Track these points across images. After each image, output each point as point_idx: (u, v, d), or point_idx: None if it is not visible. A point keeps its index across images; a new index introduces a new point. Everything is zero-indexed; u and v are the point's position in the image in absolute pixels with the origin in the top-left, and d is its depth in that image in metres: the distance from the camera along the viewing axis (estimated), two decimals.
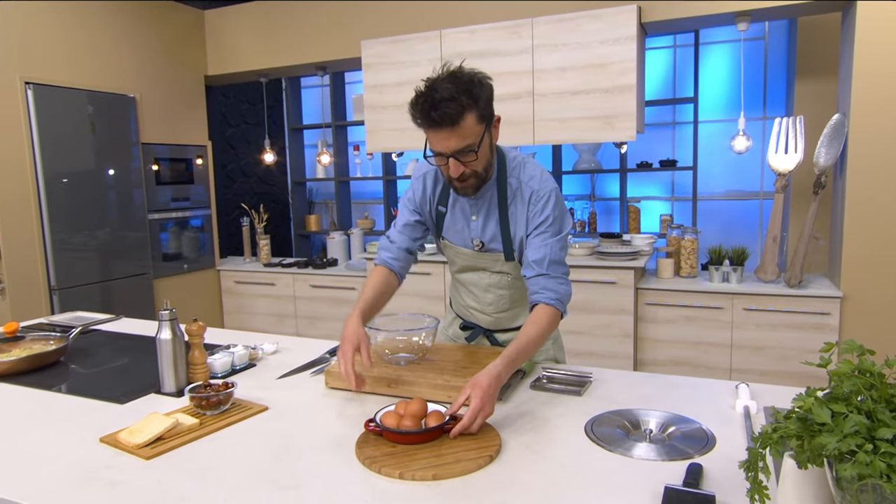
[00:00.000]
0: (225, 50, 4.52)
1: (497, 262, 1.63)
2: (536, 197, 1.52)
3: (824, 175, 3.11)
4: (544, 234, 1.51)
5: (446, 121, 1.35)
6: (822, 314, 3.05)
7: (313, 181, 5.78)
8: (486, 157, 1.47)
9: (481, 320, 1.76)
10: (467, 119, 1.37)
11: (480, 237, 1.62)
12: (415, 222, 1.68)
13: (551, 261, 1.49)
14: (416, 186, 1.68)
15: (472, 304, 1.75)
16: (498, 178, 1.56)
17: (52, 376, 1.71)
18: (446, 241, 1.70)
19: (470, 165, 1.43)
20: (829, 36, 3.76)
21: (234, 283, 4.65)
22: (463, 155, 1.41)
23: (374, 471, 1.07)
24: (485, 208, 1.58)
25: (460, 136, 1.38)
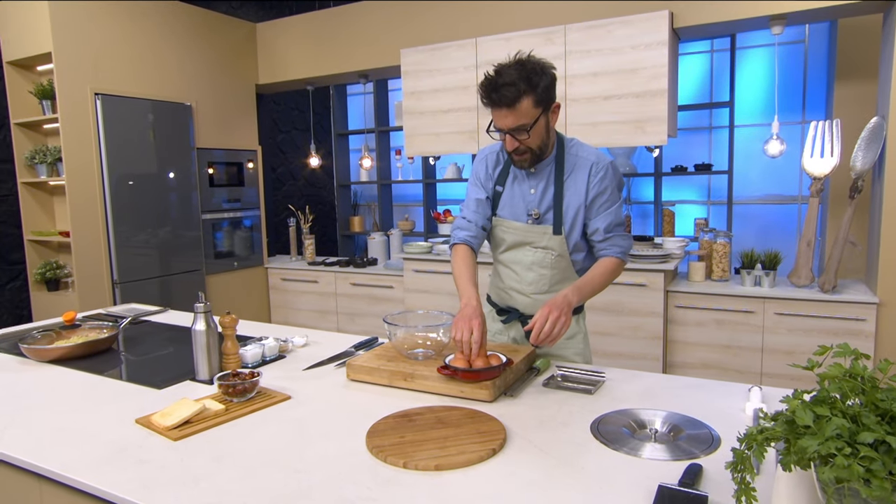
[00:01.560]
0: (275, 60, 4.78)
1: (545, 236, 1.76)
2: (596, 169, 1.71)
3: (861, 179, 3.07)
4: (606, 204, 1.73)
5: (504, 102, 1.56)
6: (857, 320, 3.01)
7: (357, 184, 6.00)
8: (540, 137, 1.66)
9: (519, 302, 1.86)
10: (523, 103, 1.56)
11: (537, 207, 1.77)
12: (486, 199, 1.83)
13: (615, 224, 1.75)
14: (478, 168, 1.85)
15: (513, 284, 1.85)
16: (557, 155, 1.75)
17: (103, 362, 1.90)
18: (499, 217, 1.83)
19: (524, 142, 1.64)
20: (869, 38, 3.68)
21: (281, 281, 4.89)
22: (517, 133, 1.61)
23: (380, 459, 1.17)
24: (543, 181, 1.76)
25: (516, 116, 1.58)
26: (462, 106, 3.94)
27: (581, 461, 1.17)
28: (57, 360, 1.90)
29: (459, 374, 1.48)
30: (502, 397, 1.50)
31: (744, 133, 4.49)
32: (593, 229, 1.75)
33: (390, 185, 5.84)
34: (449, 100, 3.97)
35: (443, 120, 4.02)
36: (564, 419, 1.37)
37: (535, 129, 1.61)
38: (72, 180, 3.66)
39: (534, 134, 1.62)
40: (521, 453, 1.20)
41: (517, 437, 1.27)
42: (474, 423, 1.32)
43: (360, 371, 1.63)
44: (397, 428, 1.29)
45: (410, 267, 4.20)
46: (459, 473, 1.13)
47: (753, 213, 4.72)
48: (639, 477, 1.10)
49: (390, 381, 1.59)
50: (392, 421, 1.33)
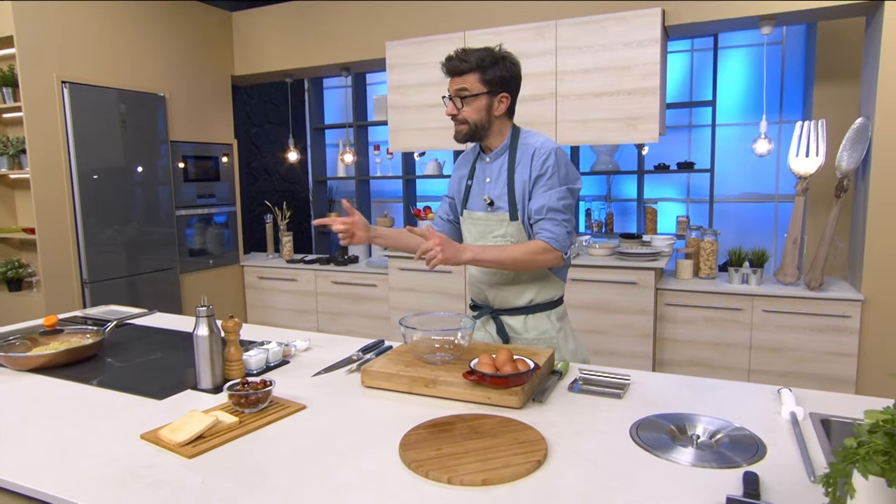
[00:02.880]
0: (252, 50, 4.61)
1: (503, 223, 1.80)
2: (538, 154, 1.74)
3: (847, 179, 3.13)
4: (543, 187, 1.73)
5: (452, 71, 1.74)
6: (842, 317, 3.07)
7: (334, 180, 5.86)
8: (478, 113, 1.73)
9: (487, 294, 1.90)
10: (469, 76, 1.71)
11: (489, 194, 1.82)
12: (450, 199, 2.00)
13: (549, 208, 1.72)
14: (454, 168, 2.00)
15: (481, 276, 1.90)
16: (510, 145, 1.81)
17: (90, 369, 1.76)
18: (466, 210, 1.90)
19: (462, 112, 1.73)
20: (849, 41, 3.77)
21: (257, 279, 4.74)
22: (456, 97, 1.73)
23: (421, 475, 1.09)
24: (497, 170, 1.83)
25: (461, 82, 1.72)
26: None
27: (630, 472, 1.12)
28: (37, 368, 1.75)
29: (488, 380, 1.42)
30: (530, 403, 1.44)
31: (721, 132, 4.54)
32: (528, 211, 1.77)
33: (368, 180, 5.73)
34: (436, 94, 3.89)
35: (429, 115, 3.94)
36: (600, 426, 1.32)
37: (474, 102, 1.71)
38: (37, 174, 3.45)
39: (473, 105, 1.72)
40: (566, 465, 1.15)
41: (558, 447, 1.21)
42: (511, 432, 1.25)
43: (377, 377, 1.55)
44: (431, 439, 1.22)
45: (396, 265, 4.11)
46: (508, 488, 1.06)
47: (731, 210, 4.80)
48: (694, 488, 1.06)
49: (410, 387, 1.51)
50: (424, 432, 1.26)
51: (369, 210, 5.80)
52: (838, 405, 1.42)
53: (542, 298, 1.85)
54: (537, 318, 1.86)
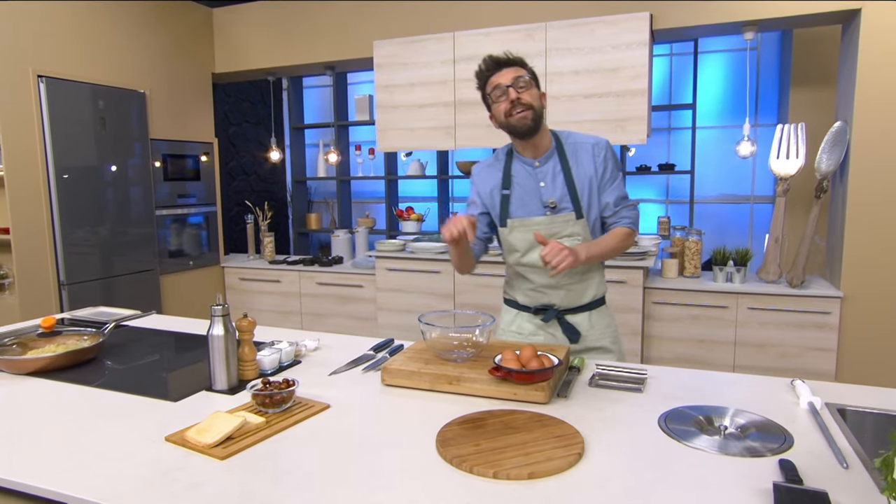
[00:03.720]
0: (233, 48, 4.53)
1: (568, 224, 1.78)
2: (597, 148, 1.80)
3: (826, 180, 3.24)
4: (611, 180, 1.81)
5: (506, 61, 1.73)
6: (823, 313, 3.18)
7: (314, 180, 5.79)
8: (537, 99, 1.74)
9: (554, 297, 1.86)
10: (522, 67, 1.74)
11: (552, 196, 1.79)
12: (479, 214, 1.91)
13: (621, 197, 1.82)
14: (476, 182, 1.92)
15: (546, 281, 1.84)
16: (557, 145, 1.82)
17: (90, 372, 1.70)
18: (514, 220, 1.83)
19: (523, 95, 1.70)
20: (823, 48, 3.91)
21: (239, 280, 4.65)
22: (518, 83, 1.70)
23: (465, 470, 1.09)
24: (550, 172, 1.81)
25: (516, 71, 1.72)
26: (439, 101, 3.86)
27: (668, 462, 1.14)
28: (36, 371, 1.69)
29: (514, 376, 1.42)
30: (555, 398, 1.45)
31: (700, 134, 4.66)
32: (604, 204, 1.82)
33: (349, 181, 5.68)
34: (425, 94, 3.89)
35: (418, 115, 3.93)
36: (628, 419, 1.34)
37: (532, 89, 1.73)
38: (11, 171, 3.31)
39: (531, 92, 1.72)
40: (605, 457, 1.16)
41: (592, 440, 1.23)
42: (544, 426, 1.26)
43: (398, 375, 1.54)
44: (467, 435, 1.22)
45: (383, 265, 4.08)
46: (554, 481, 1.07)
47: (708, 211, 4.92)
48: (733, 476, 1.08)
49: (433, 385, 1.51)
50: (458, 428, 1.26)
51: (350, 210, 5.75)
52: (849, 395, 1.47)
53: (600, 292, 1.90)
54: (600, 314, 1.90)
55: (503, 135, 1.82)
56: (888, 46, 2.98)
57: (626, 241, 1.79)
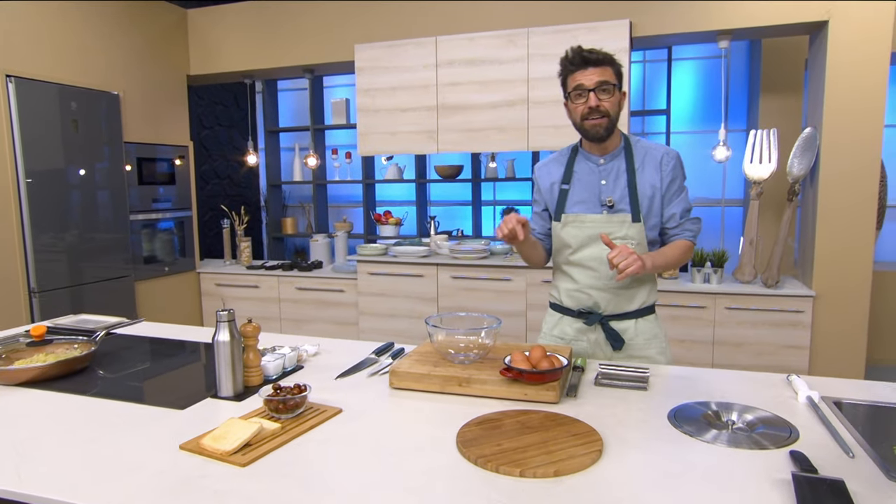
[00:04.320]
0: (209, 49, 4.45)
1: (623, 225, 1.77)
2: (667, 158, 1.79)
3: (798, 183, 3.37)
4: (678, 191, 1.81)
5: (594, 61, 1.69)
6: (796, 312, 3.30)
7: (290, 184, 5.73)
8: (617, 105, 1.72)
9: (600, 300, 1.82)
10: (609, 68, 1.71)
11: (612, 194, 1.79)
12: (539, 213, 1.95)
13: (686, 209, 1.82)
14: (539, 178, 1.92)
15: (592, 281, 1.82)
16: (625, 147, 1.81)
17: (83, 382, 1.65)
18: (570, 214, 1.83)
19: (604, 103, 1.69)
20: (790, 57, 4.06)
21: (215, 286, 4.56)
22: (601, 89, 1.69)
23: (491, 470, 1.10)
24: (614, 172, 1.80)
25: (602, 74, 1.69)
26: (421, 105, 3.87)
27: (685, 457, 1.17)
28: (26, 382, 1.63)
29: (525, 377, 1.44)
30: (564, 398, 1.48)
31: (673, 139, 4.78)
32: (669, 215, 1.81)
33: (326, 185, 5.64)
34: (407, 98, 3.89)
35: (400, 119, 3.94)
36: (638, 416, 1.37)
37: (615, 96, 1.71)
38: None
39: (613, 99, 1.71)
40: (624, 453, 1.18)
41: (608, 437, 1.25)
42: (560, 425, 1.28)
43: (407, 378, 1.54)
44: (487, 436, 1.23)
45: (365, 269, 4.06)
46: (580, 478, 1.09)
47: None
48: (749, 468, 1.12)
49: (442, 387, 1.52)
50: (476, 429, 1.27)
51: (327, 214, 5.71)
52: (842, 389, 1.53)
53: (650, 301, 1.86)
54: (647, 322, 1.86)
55: (488, 140, 1.84)
56: (854, 57, 3.12)
57: (687, 254, 1.80)
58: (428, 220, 5.27)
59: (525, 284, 3.72)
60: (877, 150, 3.14)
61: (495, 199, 5.56)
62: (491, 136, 3.75)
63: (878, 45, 3.08)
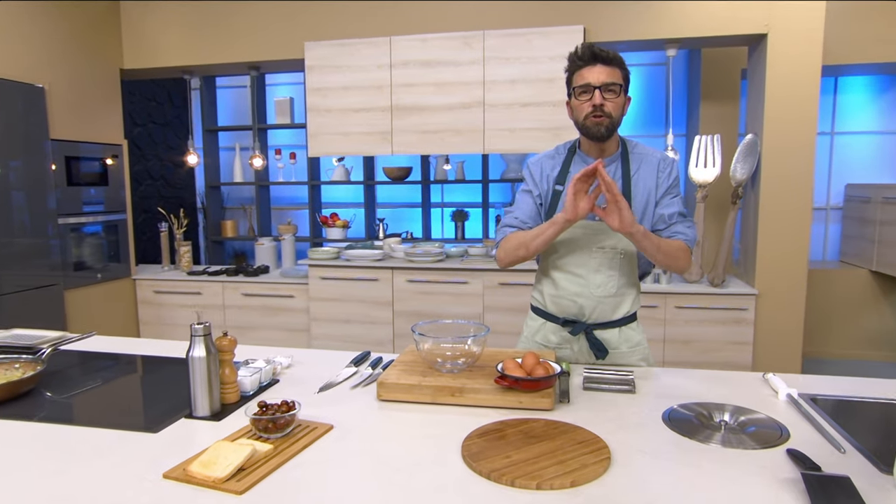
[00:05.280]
0: (144, 43, 4.19)
1: (614, 234, 1.72)
2: (664, 164, 1.79)
3: (741, 187, 3.53)
4: (672, 195, 1.79)
5: (605, 57, 1.66)
6: (740, 310, 3.46)
7: (230, 185, 5.48)
8: (620, 107, 1.70)
9: (585, 308, 1.79)
10: (617, 70, 1.68)
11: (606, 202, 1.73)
12: (536, 197, 1.85)
13: (678, 213, 1.78)
14: (532, 170, 1.87)
15: (577, 289, 1.78)
16: (622, 152, 1.79)
17: (29, 406, 1.49)
18: None
19: (608, 103, 1.66)
20: (727, 66, 4.27)
21: (153, 293, 4.30)
22: (607, 89, 1.66)
23: (506, 484, 1.06)
24: (610, 176, 1.71)
25: (610, 74, 1.66)
26: (375, 106, 3.80)
27: (692, 460, 1.18)
28: None
29: (521, 385, 1.42)
30: (558, 404, 1.46)
31: None
32: (658, 216, 1.78)
33: (268, 186, 5.44)
34: (360, 99, 3.81)
35: (353, 119, 3.84)
36: (635, 420, 1.38)
37: (619, 97, 1.68)
38: None
39: (617, 101, 1.68)
40: (632, 459, 1.18)
41: (612, 444, 1.23)
42: (563, 433, 1.27)
43: (396, 390, 1.49)
44: (493, 448, 1.20)
45: (317, 274, 3.94)
46: (596, 488, 1.07)
47: None
48: (754, 468, 1.14)
49: (434, 398, 1.47)
50: (480, 441, 1.23)
51: (270, 217, 5.51)
52: (810, 385, 1.60)
53: (634, 309, 1.85)
54: (630, 329, 1.85)
55: (443, 142, 1.77)
56: (790, 69, 3.30)
57: (679, 253, 1.71)
58: (376, 223, 5.19)
59: (482, 287, 3.72)
60: (811, 157, 3.34)
61: (443, 201, 5.55)
62: (447, 139, 3.72)
63: (811, 58, 3.28)
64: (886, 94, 4.63)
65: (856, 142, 4.70)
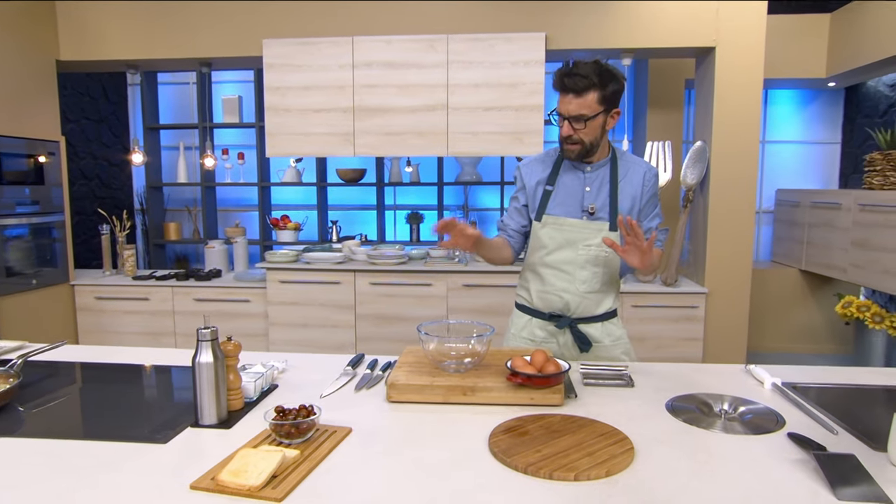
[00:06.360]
0: (85, 34, 3.95)
1: (601, 232, 1.83)
2: (649, 175, 1.88)
3: (692, 191, 3.73)
4: (654, 205, 1.90)
5: (574, 88, 1.69)
6: (692, 307, 3.65)
7: (173, 186, 5.24)
8: (594, 133, 1.75)
9: (570, 302, 1.87)
10: (590, 95, 1.69)
11: (594, 202, 1.83)
12: (518, 209, 1.95)
13: (660, 223, 1.92)
14: (523, 172, 1.94)
15: (563, 284, 1.86)
16: (612, 159, 1.86)
17: (10, 421, 1.39)
18: (551, 216, 1.85)
19: (579, 132, 1.73)
20: (673, 77, 4.49)
21: (94, 300, 4.05)
22: (576, 121, 1.72)
23: (544, 477, 1.09)
24: (598, 181, 1.85)
25: (579, 105, 1.70)
26: (337, 106, 3.74)
27: (705, 447, 1.24)
28: None
29: (534, 381, 1.45)
30: (566, 400, 1.50)
31: None
32: (646, 229, 1.88)
33: (215, 187, 5.24)
34: (321, 99, 3.74)
35: (313, 119, 3.77)
36: (642, 411, 1.44)
37: (592, 123, 1.73)
38: None
39: (590, 127, 1.73)
40: (651, 448, 1.23)
41: (629, 434, 1.28)
42: (582, 427, 1.30)
43: (408, 391, 1.48)
44: (521, 443, 1.22)
45: (275, 277, 3.83)
46: (629, 476, 1.11)
47: None
48: (763, 452, 1.22)
49: (446, 397, 1.47)
50: (506, 437, 1.25)
51: (216, 219, 5.31)
52: (785, 374, 1.71)
53: (615, 305, 1.94)
54: (612, 324, 1.93)
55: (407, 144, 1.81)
56: (736, 80, 3.52)
57: (659, 262, 1.89)
58: (329, 225, 5.11)
59: (446, 289, 3.73)
60: (754, 163, 3.57)
61: (396, 203, 5.53)
62: (409, 141, 3.72)
63: (754, 70, 3.51)
64: (809, 107, 5.01)
65: (784, 150, 5.06)
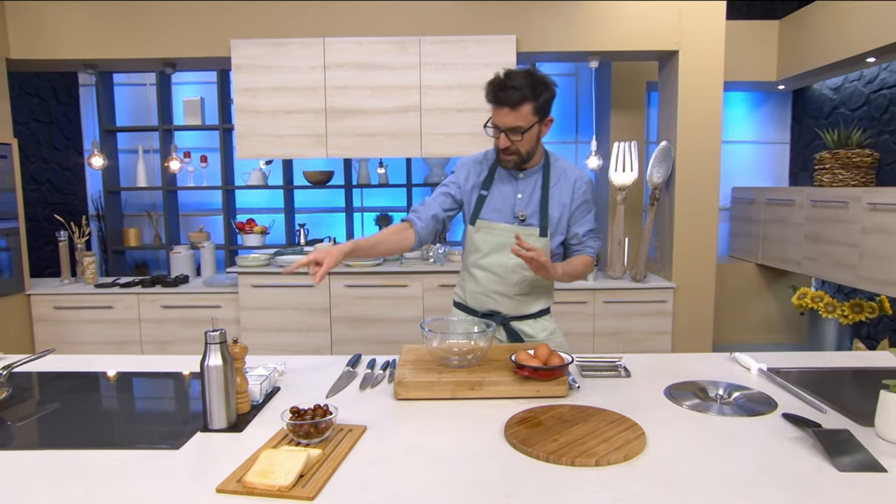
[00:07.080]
0: (38, 31, 3.78)
1: (531, 238, 1.84)
2: (580, 182, 1.91)
3: (658, 190, 3.86)
4: (585, 212, 1.93)
5: (508, 102, 1.70)
6: (660, 302, 3.77)
7: (132, 190, 5.07)
8: (531, 143, 1.79)
9: (502, 304, 1.92)
10: (525, 107, 1.71)
11: (525, 209, 1.86)
12: (448, 194, 1.93)
13: (590, 230, 1.94)
14: (459, 172, 1.96)
15: (496, 287, 1.91)
16: (544, 166, 1.89)
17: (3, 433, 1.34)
18: (484, 220, 1.88)
19: (515, 144, 1.76)
20: (635, 79, 4.63)
21: (53, 310, 3.88)
22: (512, 133, 1.74)
23: (566, 464, 1.12)
24: (530, 188, 1.89)
25: (515, 118, 1.72)
26: (309, 108, 3.70)
27: (709, 429, 1.31)
28: None
29: (540, 374, 1.48)
30: (570, 390, 1.54)
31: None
32: (573, 234, 1.94)
33: (177, 191, 5.10)
34: (292, 100, 3.70)
35: (285, 121, 3.72)
36: (643, 399, 1.49)
37: (528, 135, 1.76)
38: None
39: (526, 138, 1.76)
40: (660, 432, 1.28)
41: (638, 421, 1.33)
42: (592, 416, 1.35)
43: (416, 388, 1.49)
44: (538, 434, 1.25)
45: (247, 282, 3.76)
46: (646, 459, 1.16)
47: None
48: (762, 431, 1.29)
49: (454, 393, 1.49)
50: (522, 429, 1.28)
51: (178, 224, 5.16)
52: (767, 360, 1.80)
53: (546, 305, 2.00)
54: (544, 320, 2.01)
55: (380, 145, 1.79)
56: (698, 82, 3.67)
57: (588, 267, 1.93)
58: (297, 228, 5.04)
59: (422, 290, 3.74)
60: (717, 161, 3.73)
61: (363, 205, 5.50)
62: (383, 142, 3.72)
63: (715, 72, 3.67)
64: (760, 109, 5.25)
65: (738, 150, 5.29)
